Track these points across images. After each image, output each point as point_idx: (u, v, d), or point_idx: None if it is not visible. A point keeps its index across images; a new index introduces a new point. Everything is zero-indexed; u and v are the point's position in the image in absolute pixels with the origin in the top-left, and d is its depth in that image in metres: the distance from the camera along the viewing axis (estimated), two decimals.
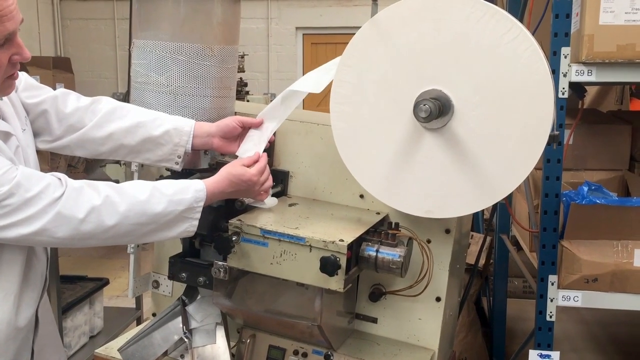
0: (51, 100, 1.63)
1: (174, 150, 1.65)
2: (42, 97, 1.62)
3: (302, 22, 8.68)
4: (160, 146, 1.64)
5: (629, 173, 2.74)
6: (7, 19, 1.33)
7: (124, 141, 1.64)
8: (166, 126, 1.63)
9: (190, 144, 1.65)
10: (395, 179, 1.61)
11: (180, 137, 1.64)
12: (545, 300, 2.15)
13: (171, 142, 1.64)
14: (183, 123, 1.65)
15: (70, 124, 1.63)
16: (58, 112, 1.63)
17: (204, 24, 1.69)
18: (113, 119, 1.64)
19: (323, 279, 1.52)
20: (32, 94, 1.62)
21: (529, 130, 1.47)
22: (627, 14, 1.94)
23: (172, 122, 1.64)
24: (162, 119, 1.64)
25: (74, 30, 8.85)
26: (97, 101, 1.67)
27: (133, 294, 2.09)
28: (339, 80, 1.63)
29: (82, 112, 1.64)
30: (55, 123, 1.63)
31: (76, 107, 1.64)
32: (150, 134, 1.63)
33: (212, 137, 1.67)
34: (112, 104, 1.67)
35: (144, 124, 1.63)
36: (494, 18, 1.48)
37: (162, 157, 1.66)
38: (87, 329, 3.32)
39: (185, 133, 1.64)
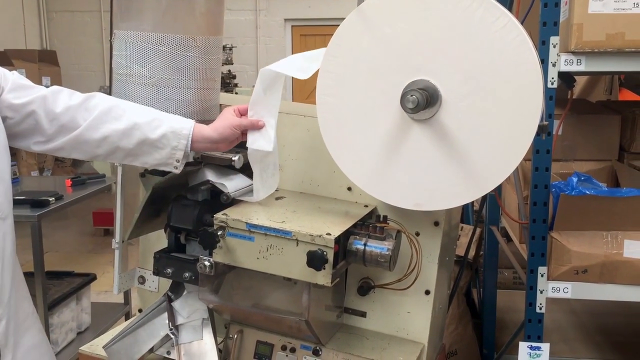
0: (40, 100, 1.56)
1: (171, 154, 1.59)
2: (30, 97, 1.56)
3: (290, 14, 8.63)
4: (157, 150, 1.59)
5: (618, 163, 2.73)
6: None
7: (120, 144, 1.58)
8: (163, 129, 1.58)
9: (189, 147, 1.59)
10: (383, 171, 1.59)
11: (178, 140, 1.58)
12: (535, 292, 2.14)
13: (169, 146, 1.58)
14: (181, 125, 1.59)
15: (62, 124, 1.57)
16: (48, 112, 1.56)
17: (186, 14, 1.65)
18: (108, 119, 1.58)
19: (310, 274, 1.50)
20: (20, 94, 1.55)
21: (518, 120, 1.45)
22: (616, 3, 1.93)
23: (169, 124, 1.58)
24: (159, 119, 1.59)
25: (60, 23, 8.75)
26: (90, 98, 1.60)
27: (118, 290, 2.06)
28: (325, 71, 1.60)
29: (74, 110, 1.58)
30: (46, 124, 1.57)
31: (67, 106, 1.58)
32: (147, 136, 1.57)
33: (216, 144, 1.62)
34: (107, 102, 1.60)
35: (140, 126, 1.57)
36: (482, 6, 1.45)
37: (160, 161, 1.60)
38: (74, 325, 3.29)
39: (184, 136, 1.58)
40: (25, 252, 4.41)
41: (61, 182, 3.84)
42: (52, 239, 6.27)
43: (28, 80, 1.60)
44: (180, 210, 1.71)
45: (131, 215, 1.81)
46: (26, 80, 1.59)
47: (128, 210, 1.94)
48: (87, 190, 3.66)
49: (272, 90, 1.65)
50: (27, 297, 1.70)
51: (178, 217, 1.71)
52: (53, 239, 6.29)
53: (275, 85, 1.64)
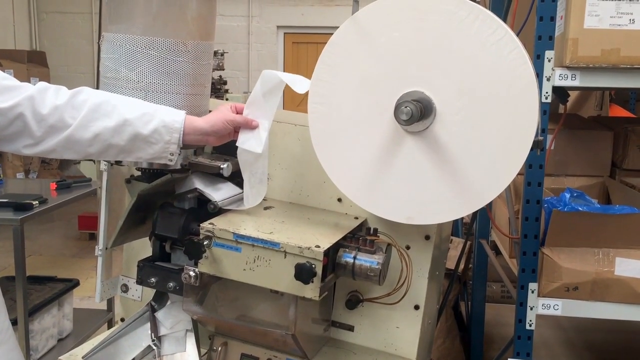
0: (27, 102, 1.50)
1: (165, 148, 1.55)
2: (17, 100, 1.49)
3: (283, 21, 8.62)
4: (150, 145, 1.55)
5: (610, 179, 2.72)
6: None
7: (112, 141, 1.53)
8: (155, 123, 1.53)
9: (181, 140, 1.56)
10: (375, 183, 1.56)
11: (170, 134, 1.54)
12: (525, 308, 2.11)
13: (162, 140, 1.54)
14: (173, 118, 1.55)
15: (50, 125, 1.51)
16: (35, 113, 1.50)
17: (177, 19, 1.62)
18: (97, 117, 1.52)
19: (298, 287, 1.46)
20: (5, 97, 1.50)
21: (512, 135, 1.43)
22: (612, 18, 1.91)
23: (160, 118, 1.54)
24: (150, 114, 1.54)
25: (50, 24, 8.68)
26: (77, 94, 1.55)
27: (101, 298, 2.01)
28: (318, 80, 1.57)
29: (62, 109, 1.52)
30: (34, 125, 1.51)
31: (54, 106, 1.52)
32: (139, 132, 1.53)
33: (206, 136, 1.59)
34: (94, 98, 1.54)
35: (131, 122, 1.53)
36: (478, 18, 1.43)
37: (154, 156, 1.57)
38: (55, 332, 3.22)
39: (176, 130, 1.55)
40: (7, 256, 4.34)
41: (46, 186, 3.78)
42: (37, 241, 6.19)
43: (13, 79, 1.53)
44: (166, 218, 1.67)
45: (116, 222, 1.77)
46: (11, 80, 1.52)
47: (113, 216, 1.90)
48: (72, 194, 3.60)
49: (271, 95, 1.62)
50: (2, 310, 1.65)
51: (164, 225, 1.66)
52: (37, 241, 6.20)
53: (275, 91, 1.61)
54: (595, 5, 1.91)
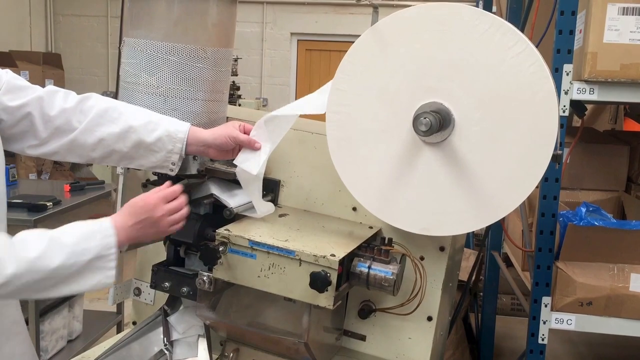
0: (35, 102, 1.52)
1: (167, 157, 1.57)
2: (26, 99, 1.51)
3: (297, 28, 8.63)
4: (153, 153, 1.56)
5: (625, 194, 2.70)
6: None
7: (116, 147, 1.55)
8: (159, 132, 1.55)
9: (184, 150, 1.57)
10: (391, 193, 1.55)
11: (173, 144, 1.56)
12: (537, 322, 2.09)
13: (164, 149, 1.56)
14: (176, 128, 1.57)
15: (56, 127, 1.54)
16: (43, 114, 1.52)
17: (198, 25, 1.63)
18: (103, 122, 1.54)
19: (312, 295, 1.46)
20: (15, 95, 1.51)
21: (531, 148, 1.42)
22: (632, 33, 1.91)
23: (165, 127, 1.56)
24: (154, 122, 1.56)
25: (66, 26, 8.74)
26: (85, 99, 1.57)
27: (113, 301, 2.02)
28: (337, 89, 1.57)
29: (69, 113, 1.54)
30: (40, 126, 1.53)
31: (62, 109, 1.54)
32: (142, 140, 1.54)
33: (207, 147, 1.60)
34: (102, 104, 1.56)
35: (135, 129, 1.54)
36: (499, 31, 1.43)
37: (155, 164, 1.58)
38: (65, 333, 3.23)
39: (179, 140, 1.56)
40: None
41: (60, 187, 3.80)
42: None
43: (23, 79, 1.54)
44: None
45: None
46: (21, 80, 1.53)
47: None
48: (85, 196, 3.62)
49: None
50: (14, 303, 1.65)
51: (179, 230, 1.67)
52: None
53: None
54: (616, 19, 1.90)
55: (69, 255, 1.33)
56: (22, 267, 1.28)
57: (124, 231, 1.42)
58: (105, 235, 1.38)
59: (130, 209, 1.45)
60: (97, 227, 1.39)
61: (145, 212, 1.45)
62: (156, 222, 1.47)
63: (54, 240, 1.34)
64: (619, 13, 1.92)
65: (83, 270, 1.35)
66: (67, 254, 1.33)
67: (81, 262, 1.34)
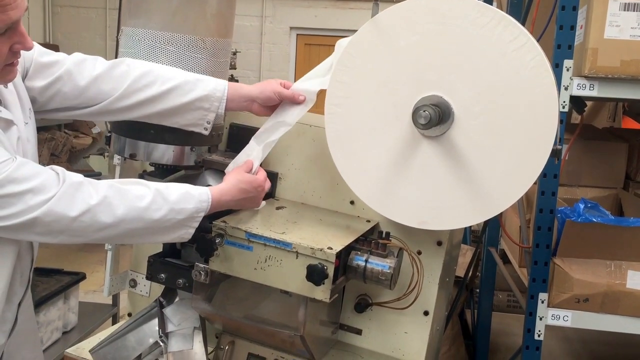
0: (65, 76, 1.53)
1: (203, 115, 1.58)
2: (54, 76, 1.52)
3: (296, 22, 8.61)
4: (190, 111, 1.57)
5: (623, 192, 2.70)
6: (11, 8, 1.26)
7: (153, 110, 1.56)
8: (197, 92, 1.55)
9: (222, 108, 1.59)
10: (389, 187, 1.54)
11: (211, 102, 1.57)
12: (534, 318, 2.09)
13: (201, 108, 1.57)
14: (214, 88, 1.57)
15: (89, 97, 1.55)
16: (74, 87, 1.54)
17: (197, 15, 1.62)
18: (140, 88, 1.54)
19: (308, 288, 1.46)
20: (43, 74, 1.52)
21: (531, 142, 1.41)
22: (633, 29, 1.90)
23: (202, 87, 1.56)
24: (192, 82, 1.56)
25: (64, 18, 8.71)
26: (117, 64, 1.56)
27: (109, 293, 2.01)
28: (336, 81, 1.56)
29: (100, 80, 1.54)
30: (73, 99, 1.55)
31: (92, 77, 1.54)
32: (179, 101, 1.55)
33: (252, 102, 1.62)
34: (136, 70, 1.55)
35: (172, 91, 1.54)
36: (500, 24, 1.42)
37: (191, 122, 1.59)
38: (60, 325, 3.22)
39: (217, 99, 1.57)
40: None
41: None
42: None
43: (50, 52, 1.55)
44: None
45: None
46: (48, 55, 1.54)
47: None
48: None
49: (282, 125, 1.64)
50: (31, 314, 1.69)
51: None
52: None
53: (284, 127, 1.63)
54: (617, 15, 1.89)
55: (169, 211, 1.42)
56: (131, 212, 1.38)
57: (217, 202, 1.49)
58: (200, 200, 1.46)
59: (242, 185, 1.54)
60: (197, 192, 1.47)
61: (255, 190, 1.56)
62: (256, 199, 1.59)
63: (159, 194, 1.42)
64: (620, 9, 1.91)
65: (173, 226, 1.44)
66: (168, 209, 1.42)
67: (175, 220, 1.43)
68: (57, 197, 1.30)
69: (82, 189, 1.34)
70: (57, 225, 1.32)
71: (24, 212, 1.29)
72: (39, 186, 1.29)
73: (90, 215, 1.33)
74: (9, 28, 1.29)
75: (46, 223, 1.31)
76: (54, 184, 1.31)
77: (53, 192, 1.30)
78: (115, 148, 1.71)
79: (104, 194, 1.35)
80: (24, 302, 1.58)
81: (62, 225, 1.32)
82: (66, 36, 8.71)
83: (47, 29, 8.69)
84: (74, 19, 8.75)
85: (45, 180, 1.31)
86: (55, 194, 1.30)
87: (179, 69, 1.59)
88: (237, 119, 1.84)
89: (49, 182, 1.31)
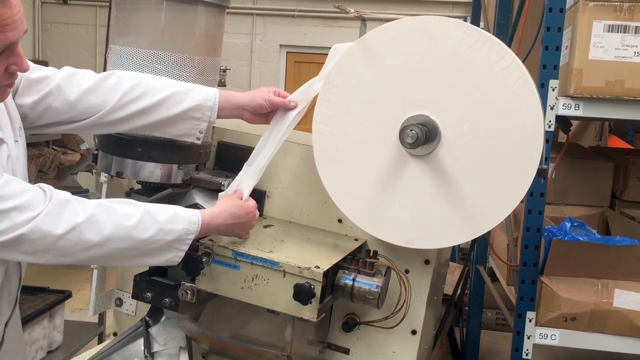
0: (54, 92, 1.51)
1: (195, 125, 1.57)
2: (44, 92, 1.50)
3: (286, 40, 8.66)
4: (181, 122, 1.56)
5: (609, 210, 2.72)
6: (10, 29, 1.25)
7: (144, 122, 1.55)
8: (187, 103, 1.54)
9: (214, 117, 1.58)
10: (377, 206, 1.55)
11: (202, 112, 1.56)
12: (522, 337, 2.09)
13: (192, 118, 1.56)
14: (205, 97, 1.56)
15: (79, 111, 1.53)
16: (64, 102, 1.52)
17: (185, 34, 1.62)
18: (130, 100, 1.53)
19: (295, 307, 1.45)
20: (32, 90, 1.51)
21: (517, 162, 1.42)
22: (617, 50, 1.92)
23: (193, 97, 1.55)
24: (182, 93, 1.55)
25: (54, 34, 8.71)
26: (108, 77, 1.55)
27: (94, 312, 1.99)
28: (323, 100, 1.57)
29: (91, 94, 1.53)
30: (63, 114, 1.53)
31: (82, 90, 1.52)
32: (171, 112, 1.54)
33: (243, 110, 1.61)
34: (126, 82, 1.54)
35: (163, 102, 1.53)
36: (486, 45, 1.44)
37: (183, 132, 1.58)
38: (45, 344, 3.17)
39: (208, 108, 1.56)
40: None
41: None
42: None
43: (40, 68, 1.54)
44: None
45: None
46: (37, 71, 1.53)
47: None
48: None
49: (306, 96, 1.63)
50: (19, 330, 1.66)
51: None
52: None
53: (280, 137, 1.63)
54: (601, 36, 1.92)
55: (157, 231, 1.39)
56: (118, 231, 1.35)
57: (207, 225, 1.47)
58: (190, 222, 1.43)
59: (235, 210, 1.52)
60: (187, 214, 1.45)
61: (246, 217, 1.54)
62: (246, 226, 1.55)
63: (148, 214, 1.40)
64: (605, 30, 1.94)
65: (161, 248, 1.41)
66: (157, 230, 1.39)
67: (164, 241, 1.40)
68: (43, 215, 1.28)
69: (69, 206, 1.32)
70: (43, 243, 1.30)
71: (9, 230, 1.26)
72: (25, 204, 1.28)
73: (76, 233, 1.31)
74: (6, 48, 1.28)
75: (31, 241, 1.28)
76: (41, 201, 1.30)
77: (39, 209, 1.28)
78: (102, 166, 1.70)
79: (91, 212, 1.33)
80: (11, 322, 1.56)
81: (48, 243, 1.30)
82: (56, 53, 8.71)
83: (37, 46, 8.68)
84: (63, 35, 8.75)
85: (31, 197, 1.29)
86: (41, 211, 1.28)
87: (169, 79, 1.58)
88: (225, 137, 1.84)
89: (36, 200, 1.29)
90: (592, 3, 1.93)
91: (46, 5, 8.69)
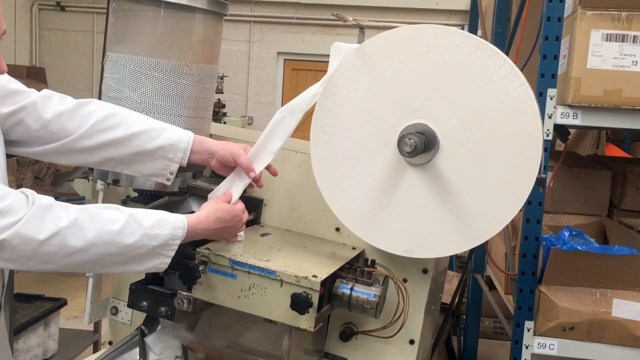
0: (30, 107, 1.49)
1: (167, 165, 1.54)
2: (19, 105, 1.48)
3: (283, 47, 8.68)
4: (153, 160, 1.54)
5: (607, 219, 2.71)
6: None
7: (115, 154, 1.52)
8: (161, 140, 1.52)
9: (185, 159, 1.55)
10: (374, 214, 1.54)
11: (175, 152, 1.53)
12: (520, 347, 2.08)
13: (165, 158, 1.53)
14: (179, 138, 1.54)
15: (52, 131, 1.50)
16: (38, 119, 1.49)
17: (183, 41, 1.62)
18: (103, 128, 1.51)
19: (293, 317, 1.44)
20: (9, 101, 1.48)
21: (516, 171, 1.42)
22: (615, 59, 1.92)
23: (167, 136, 1.53)
24: (157, 130, 1.53)
25: (51, 41, 8.72)
26: (84, 104, 1.53)
27: (89, 320, 1.97)
28: (321, 108, 1.57)
29: (66, 117, 1.51)
30: (35, 131, 1.50)
31: (58, 112, 1.50)
32: (143, 147, 1.52)
33: (212, 157, 1.58)
34: (102, 111, 1.52)
35: (137, 136, 1.51)
36: (485, 54, 1.43)
37: (153, 171, 1.55)
38: (39, 352, 3.16)
39: (181, 150, 1.54)
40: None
41: None
42: None
43: (18, 83, 1.51)
44: None
45: None
46: (15, 84, 1.50)
47: None
48: None
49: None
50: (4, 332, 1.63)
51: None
52: None
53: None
54: (599, 45, 1.92)
55: (142, 236, 1.36)
56: (102, 236, 1.32)
57: (193, 230, 1.44)
58: (176, 226, 1.41)
59: (219, 214, 1.49)
60: (172, 218, 1.42)
61: (232, 220, 1.51)
62: (233, 229, 1.54)
63: (132, 218, 1.37)
64: (603, 39, 1.94)
65: (147, 254, 1.38)
66: (142, 235, 1.36)
67: (149, 246, 1.38)
68: (25, 219, 1.25)
69: (52, 211, 1.29)
70: (25, 249, 1.26)
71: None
72: (6, 208, 1.24)
73: (59, 238, 1.28)
74: None
75: (13, 247, 1.25)
76: (23, 206, 1.26)
77: (21, 214, 1.25)
78: (98, 173, 1.69)
79: (74, 216, 1.30)
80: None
81: (30, 249, 1.27)
82: (53, 59, 8.71)
83: (34, 52, 8.68)
84: (61, 42, 8.76)
85: (13, 202, 1.26)
86: (23, 216, 1.25)
87: (147, 117, 1.57)
88: None
89: (17, 205, 1.26)
90: (590, 12, 1.93)
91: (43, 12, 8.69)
